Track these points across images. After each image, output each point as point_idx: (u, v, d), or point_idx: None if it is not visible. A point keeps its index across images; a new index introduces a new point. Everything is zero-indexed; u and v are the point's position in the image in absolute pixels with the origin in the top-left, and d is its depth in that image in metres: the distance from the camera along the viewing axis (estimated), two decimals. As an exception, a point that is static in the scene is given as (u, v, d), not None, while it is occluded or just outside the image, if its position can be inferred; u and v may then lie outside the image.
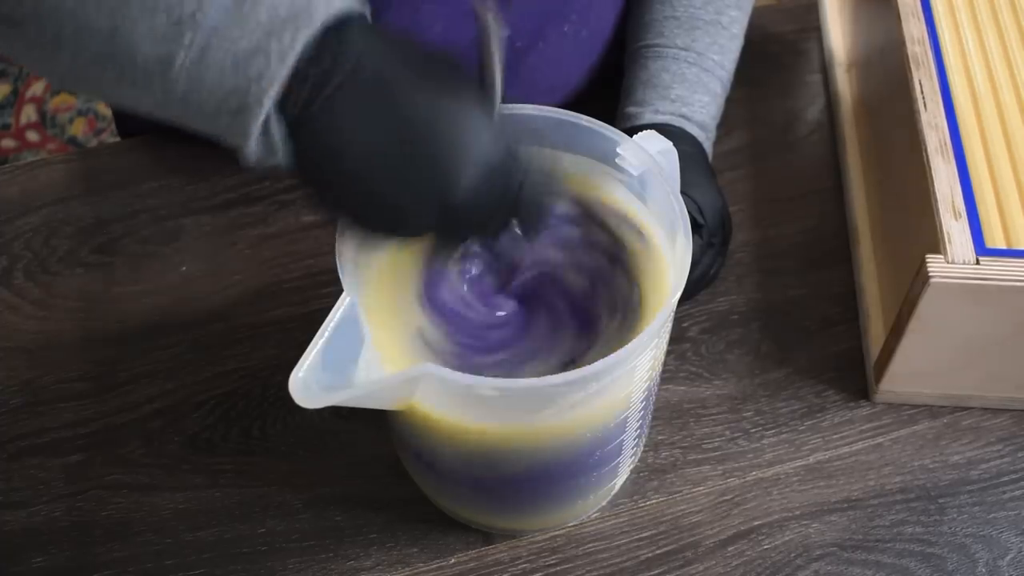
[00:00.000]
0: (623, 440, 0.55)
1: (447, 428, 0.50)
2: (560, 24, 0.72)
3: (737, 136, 0.79)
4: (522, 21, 0.69)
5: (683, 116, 0.68)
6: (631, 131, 0.64)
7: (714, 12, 0.72)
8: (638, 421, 0.55)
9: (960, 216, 0.59)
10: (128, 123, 0.83)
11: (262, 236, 0.74)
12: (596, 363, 0.45)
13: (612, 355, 0.45)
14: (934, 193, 0.60)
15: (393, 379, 0.44)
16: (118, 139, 0.83)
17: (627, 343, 0.45)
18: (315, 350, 0.44)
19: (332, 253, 0.72)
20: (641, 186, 0.55)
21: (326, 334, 0.45)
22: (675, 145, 0.59)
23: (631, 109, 0.70)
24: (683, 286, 0.48)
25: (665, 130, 0.65)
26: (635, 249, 0.54)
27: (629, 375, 0.49)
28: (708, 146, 0.70)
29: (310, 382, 0.44)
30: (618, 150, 0.54)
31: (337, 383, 0.45)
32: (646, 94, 0.70)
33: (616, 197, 0.56)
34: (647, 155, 0.54)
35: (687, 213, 0.51)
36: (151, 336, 0.69)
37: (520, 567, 0.60)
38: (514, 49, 0.70)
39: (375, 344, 0.49)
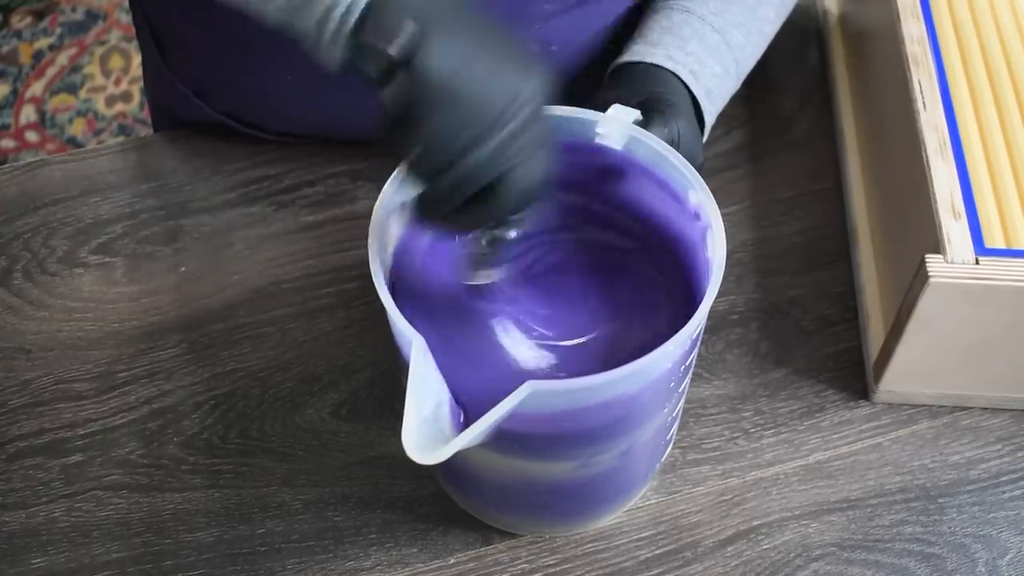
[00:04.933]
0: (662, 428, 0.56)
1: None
2: (596, 31, 0.71)
3: (737, 136, 0.79)
4: (562, 26, 0.68)
5: (693, 73, 0.65)
6: (633, 65, 0.64)
7: (754, 0, 0.69)
8: (676, 412, 0.57)
9: (959, 216, 0.59)
10: (163, 123, 0.83)
11: (261, 236, 0.74)
12: (656, 352, 0.46)
13: (670, 341, 0.46)
14: (933, 193, 0.60)
15: (505, 405, 0.44)
16: (118, 139, 0.83)
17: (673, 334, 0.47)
18: (412, 407, 0.44)
19: (332, 253, 0.73)
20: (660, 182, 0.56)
21: (416, 387, 0.45)
22: (672, 101, 0.59)
23: (641, 47, 0.66)
24: (719, 284, 0.49)
25: (669, 79, 0.63)
26: (667, 243, 0.56)
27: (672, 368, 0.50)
28: (708, 120, 0.66)
29: (422, 439, 0.44)
30: (597, 129, 0.54)
31: (440, 426, 0.45)
32: (662, 38, 0.66)
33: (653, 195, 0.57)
34: (627, 124, 0.54)
35: (717, 207, 0.52)
36: (150, 336, 0.69)
37: (520, 567, 0.60)
38: (549, 51, 0.69)
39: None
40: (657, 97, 0.61)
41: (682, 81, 0.64)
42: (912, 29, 0.68)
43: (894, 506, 0.62)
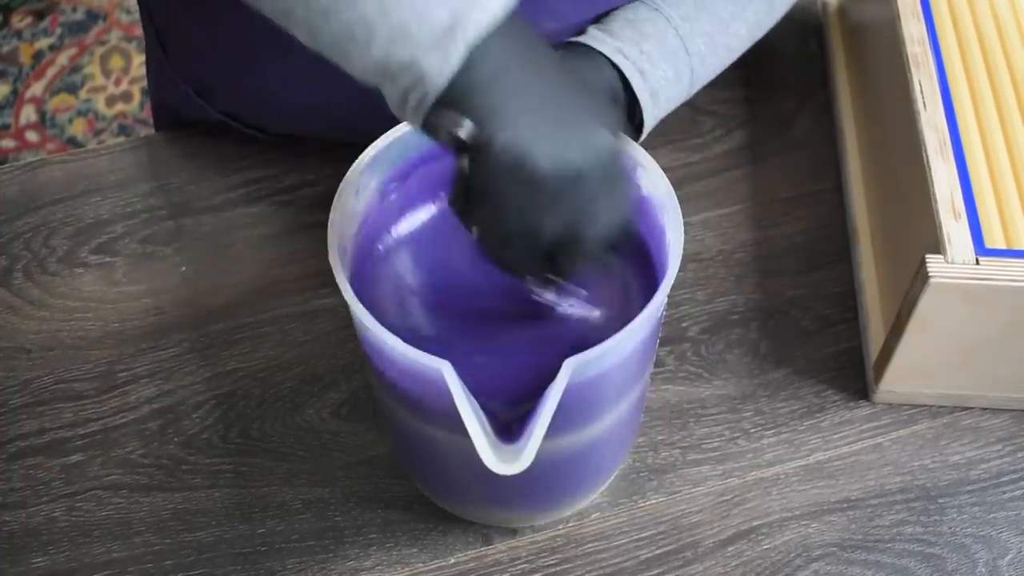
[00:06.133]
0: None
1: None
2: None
3: (737, 136, 0.79)
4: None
5: (641, 72, 0.65)
6: (577, 46, 0.65)
7: (728, 14, 0.69)
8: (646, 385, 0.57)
9: (960, 216, 0.59)
10: (165, 122, 0.83)
11: (262, 236, 0.74)
12: (658, 294, 0.47)
13: (664, 280, 0.48)
14: (933, 193, 0.60)
15: (557, 389, 0.45)
16: (118, 139, 0.83)
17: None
18: (476, 429, 0.44)
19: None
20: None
21: (467, 410, 0.45)
22: (604, 93, 0.60)
23: (598, 32, 0.66)
24: (675, 275, 0.49)
25: (596, 70, 0.63)
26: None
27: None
28: (649, 122, 0.66)
29: (499, 452, 0.44)
30: None
31: (490, 434, 0.46)
32: (622, 31, 0.66)
33: None
34: None
35: (647, 153, 0.52)
36: (150, 336, 0.69)
37: (520, 567, 0.60)
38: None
39: None
40: None
41: (624, 77, 0.64)
42: (912, 29, 0.68)
43: (894, 506, 0.62)
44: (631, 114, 0.66)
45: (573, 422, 0.51)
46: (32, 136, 1.68)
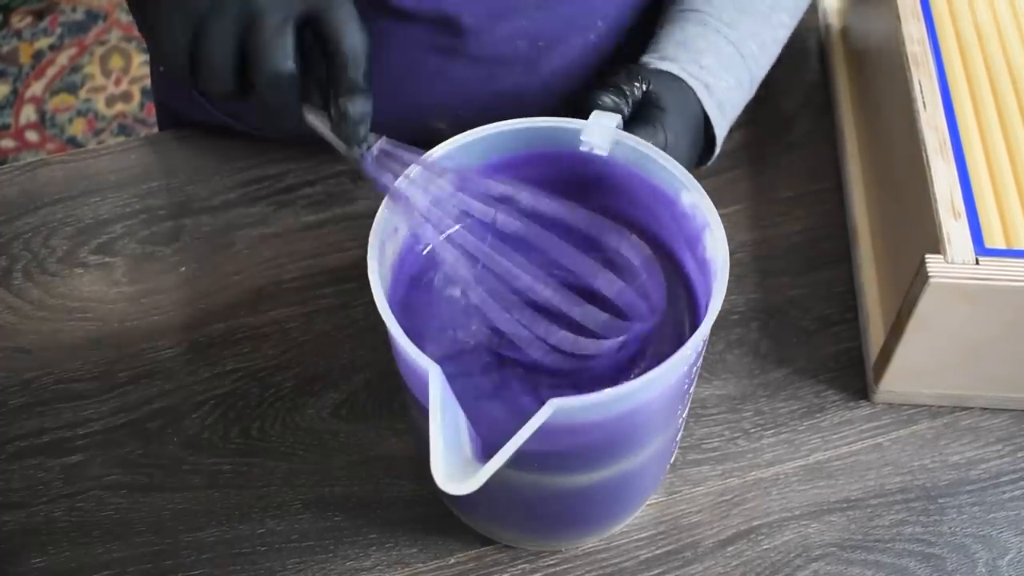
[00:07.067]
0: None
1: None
2: (586, 33, 0.70)
3: (737, 136, 0.79)
4: (547, 23, 0.68)
5: (707, 87, 0.64)
6: (644, 67, 0.64)
7: (768, 7, 0.69)
8: (685, 413, 0.56)
9: (959, 216, 0.59)
10: (167, 123, 0.83)
11: (262, 236, 0.74)
12: (674, 356, 0.45)
13: (686, 345, 0.46)
14: (933, 193, 0.60)
15: (531, 425, 0.43)
16: (118, 139, 0.83)
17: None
18: (437, 438, 0.43)
19: (332, 253, 0.73)
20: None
21: (438, 418, 0.43)
22: (683, 112, 0.59)
23: (652, 60, 0.65)
24: (726, 281, 0.48)
25: (683, 92, 0.63)
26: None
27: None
28: (720, 134, 0.66)
29: (452, 469, 0.42)
30: (581, 137, 0.54)
31: (464, 453, 0.44)
32: (676, 53, 0.65)
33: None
34: (611, 130, 0.53)
35: (713, 206, 0.51)
36: (150, 336, 0.69)
37: (520, 567, 0.60)
38: (536, 47, 0.69)
39: None
40: (649, 100, 0.60)
41: (693, 96, 0.64)
42: (912, 29, 0.68)
43: (894, 506, 0.62)
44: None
45: (609, 456, 0.50)
46: (32, 136, 1.68)
